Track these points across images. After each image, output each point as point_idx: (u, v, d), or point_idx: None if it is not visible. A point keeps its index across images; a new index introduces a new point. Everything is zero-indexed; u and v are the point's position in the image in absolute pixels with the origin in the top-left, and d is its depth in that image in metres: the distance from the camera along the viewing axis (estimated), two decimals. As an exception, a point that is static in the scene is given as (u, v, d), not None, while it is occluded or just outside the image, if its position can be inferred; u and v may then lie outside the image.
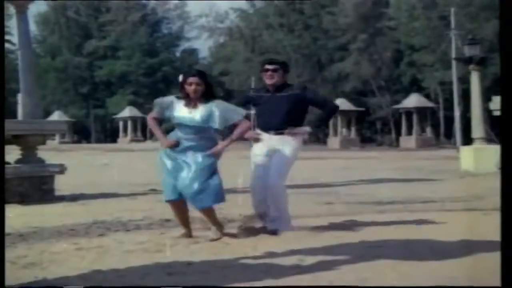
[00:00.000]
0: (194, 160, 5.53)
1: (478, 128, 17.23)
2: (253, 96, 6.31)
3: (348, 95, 45.15)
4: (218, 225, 5.78)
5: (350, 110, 41.38)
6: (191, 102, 5.63)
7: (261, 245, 5.36)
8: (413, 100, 40.75)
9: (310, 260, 4.67)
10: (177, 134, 5.68)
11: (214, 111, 5.56)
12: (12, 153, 10.50)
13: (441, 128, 44.39)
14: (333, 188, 12.28)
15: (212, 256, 4.95)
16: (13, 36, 58.50)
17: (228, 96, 27.52)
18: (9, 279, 4.31)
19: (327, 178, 14.64)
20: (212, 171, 5.57)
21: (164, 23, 61.55)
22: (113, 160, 23.37)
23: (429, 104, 41.49)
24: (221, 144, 5.65)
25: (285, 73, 6.13)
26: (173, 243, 5.52)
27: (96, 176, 15.86)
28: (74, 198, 10.24)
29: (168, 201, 5.77)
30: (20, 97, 10.15)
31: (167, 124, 6.14)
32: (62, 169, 10.14)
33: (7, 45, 56.32)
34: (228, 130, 5.81)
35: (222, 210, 7.98)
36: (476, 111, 17.41)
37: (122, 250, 5.31)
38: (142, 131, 47.92)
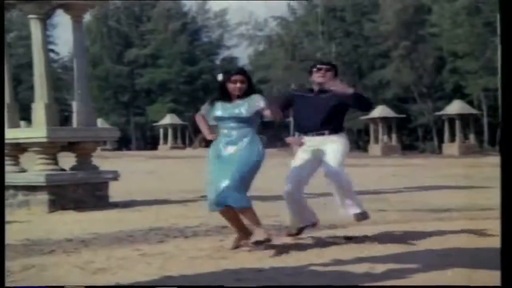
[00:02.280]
0: (238, 161, 5.26)
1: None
2: (295, 96, 6.15)
3: (389, 102, 44.81)
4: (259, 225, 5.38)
5: (391, 117, 41.04)
6: (231, 100, 5.43)
7: (327, 252, 5.30)
8: (456, 107, 40.20)
9: (380, 268, 4.60)
10: (220, 137, 5.48)
11: (253, 102, 5.36)
12: (62, 161, 10.60)
13: (485, 135, 43.75)
14: (382, 195, 12.12)
15: (279, 263, 4.92)
16: (56, 45, 59.12)
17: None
18: (80, 284, 4.34)
19: (374, 185, 14.46)
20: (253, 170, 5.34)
21: (204, 32, 61.97)
22: (157, 167, 23.54)
23: (473, 110, 40.87)
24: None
25: (335, 76, 6.01)
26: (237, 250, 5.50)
27: (143, 182, 15.97)
28: (126, 204, 10.32)
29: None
30: (74, 105, 10.26)
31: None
32: (115, 176, 10.23)
33: (51, 54, 57.48)
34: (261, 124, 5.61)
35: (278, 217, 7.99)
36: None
37: (186, 256, 5.30)
38: (182, 139, 48.16)
